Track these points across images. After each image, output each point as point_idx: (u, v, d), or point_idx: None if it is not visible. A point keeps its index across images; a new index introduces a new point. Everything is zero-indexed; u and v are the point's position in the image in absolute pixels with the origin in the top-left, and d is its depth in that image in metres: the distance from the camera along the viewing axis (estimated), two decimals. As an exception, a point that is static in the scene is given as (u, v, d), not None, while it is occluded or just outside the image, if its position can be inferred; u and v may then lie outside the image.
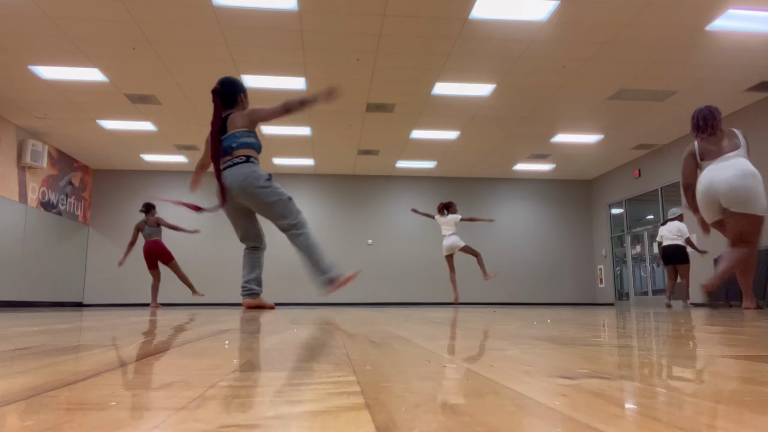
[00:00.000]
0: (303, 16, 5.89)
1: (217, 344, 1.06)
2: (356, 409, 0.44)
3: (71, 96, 8.03)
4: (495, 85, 7.73)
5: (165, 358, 0.82)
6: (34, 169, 9.89)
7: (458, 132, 9.73)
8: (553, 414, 0.42)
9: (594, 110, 8.67)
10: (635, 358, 0.81)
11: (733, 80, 7.52)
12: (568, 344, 1.05)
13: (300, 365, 0.73)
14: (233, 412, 0.43)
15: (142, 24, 6.03)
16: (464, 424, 0.38)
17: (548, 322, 2.10)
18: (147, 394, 0.51)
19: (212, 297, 11.98)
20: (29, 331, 1.49)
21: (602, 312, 4.12)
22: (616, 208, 12.46)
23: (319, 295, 12.18)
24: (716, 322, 2.10)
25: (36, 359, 0.80)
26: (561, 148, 10.70)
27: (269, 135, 9.85)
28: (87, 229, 11.92)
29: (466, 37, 6.37)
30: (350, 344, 1.05)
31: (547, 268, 12.85)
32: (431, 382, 0.57)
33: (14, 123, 9.23)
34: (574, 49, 6.64)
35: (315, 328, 1.66)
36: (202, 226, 12.19)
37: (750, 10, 5.79)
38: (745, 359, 0.80)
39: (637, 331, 1.50)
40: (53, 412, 0.43)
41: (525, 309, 5.57)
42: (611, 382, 0.57)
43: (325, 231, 12.41)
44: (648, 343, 1.10)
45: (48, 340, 1.16)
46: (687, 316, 3.07)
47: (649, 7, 5.73)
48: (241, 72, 7.24)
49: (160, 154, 11.06)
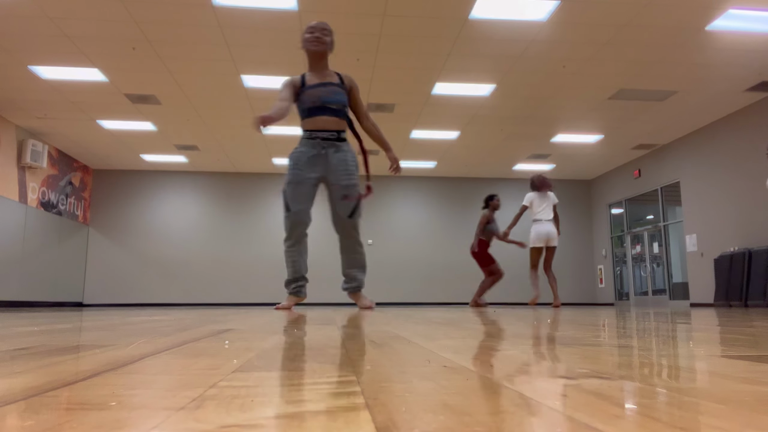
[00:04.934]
0: (303, 16, 5.89)
1: (217, 344, 1.06)
2: (356, 409, 0.44)
3: (71, 96, 8.03)
4: (495, 85, 7.73)
5: (165, 358, 0.82)
6: (34, 169, 9.89)
7: (458, 132, 9.73)
8: (553, 414, 0.42)
9: (594, 110, 8.67)
10: (635, 358, 0.81)
11: (733, 80, 7.52)
12: (568, 344, 1.05)
13: (300, 365, 0.73)
14: (233, 412, 0.43)
15: (142, 24, 6.03)
16: (464, 424, 0.38)
17: (548, 322, 2.10)
18: (147, 394, 0.51)
19: (212, 297, 11.98)
20: (29, 331, 1.49)
21: (602, 312, 4.12)
22: (616, 208, 12.46)
23: (319, 295, 12.18)
24: (716, 322, 2.10)
25: (36, 359, 0.80)
26: (561, 148, 10.70)
27: (269, 135, 9.85)
28: (87, 229, 11.92)
29: (466, 37, 6.37)
30: (350, 344, 1.05)
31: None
32: (431, 382, 0.57)
33: (14, 123, 9.24)
34: (574, 49, 6.64)
35: (315, 328, 1.66)
36: (203, 225, 12.19)
37: (750, 10, 5.78)
38: (745, 359, 0.80)
39: (637, 331, 1.50)
40: (53, 412, 0.43)
41: (525, 309, 5.57)
42: (611, 382, 0.57)
43: (325, 231, 12.41)
44: (648, 343, 1.10)
45: (48, 340, 1.16)
46: (687, 316, 3.07)
47: (649, 7, 5.73)
48: (241, 72, 7.24)
49: (160, 154, 11.06)
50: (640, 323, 2.04)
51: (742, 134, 8.56)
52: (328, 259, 12.24)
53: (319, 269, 12.17)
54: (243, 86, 7.70)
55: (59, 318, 2.66)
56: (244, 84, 7.62)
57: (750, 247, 8.18)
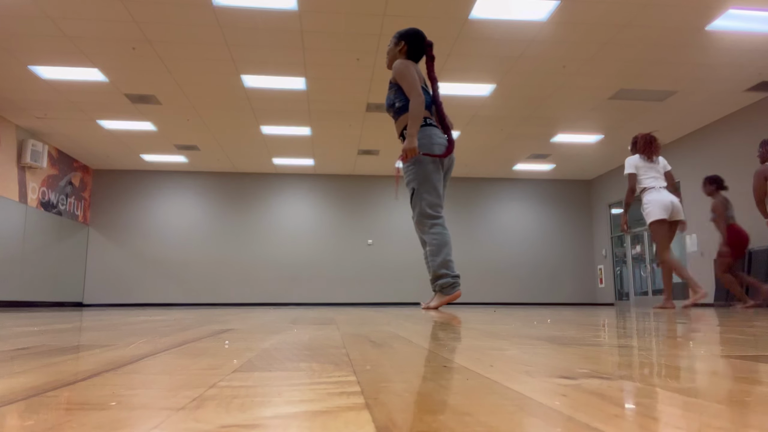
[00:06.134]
0: (303, 16, 5.89)
1: (217, 344, 1.06)
2: (356, 409, 0.44)
3: (71, 96, 8.03)
4: (495, 85, 7.74)
5: (165, 358, 0.82)
6: (34, 169, 9.89)
7: (458, 132, 9.73)
8: (553, 414, 0.42)
9: (594, 110, 8.68)
10: (635, 358, 0.81)
11: (733, 80, 7.52)
12: (568, 344, 1.05)
13: (300, 365, 0.73)
14: (233, 412, 0.43)
15: (142, 24, 6.03)
16: (464, 424, 0.38)
17: (548, 322, 2.10)
18: (147, 394, 0.51)
19: (212, 297, 11.98)
20: (29, 331, 1.49)
21: (602, 312, 4.12)
22: (616, 208, 12.46)
23: (320, 296, 12.18)
24: (716, 322, 2.10)
25: (36, 359, 0.80)
26: (561, 148, 10.70)
27: (269, 135, 9.85)
28: (87, 229, 11.92)
29: (466, 37, 6.37)
30: (350, 344, 1.05)
31: (547, 268, 12.85)
32: (431, 382, 0.57)
33: (14, 123, 9.24)
34: (574, 49, 6.64)
35: (315, 328, 1.66)
36: (203, 225, 12.19)
37: (750, 10, 5.78)
38: (745, 359, 0.80)
39: (637, 331, 1.50)
40: (53, 412, 0.43)
41: (525, 309, 5.57)
42: (611, 382, 0.57)
43: (325, 231, 12.41)
44: (648, 343, 1.10)
45: (48, 340, 1.16)
46: (687, 316, 3.07)
47: (649, 7, 5.73)
48: (241, 72, 7.25)
49: (160, 154, 11.06)
50: (640, 323, 2.04)
51: (742, 134, 8.56)
52: (328, 258, 12.24)
53: (319, 269, 12.18)
54: (243, 86, 7.70)
55: (59, 318, 2.66)
56: (244, 84, 7.62)
57: (750, 247, 8.18)
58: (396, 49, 3.86)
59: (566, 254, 12.97)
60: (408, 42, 3.83)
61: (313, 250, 12.24)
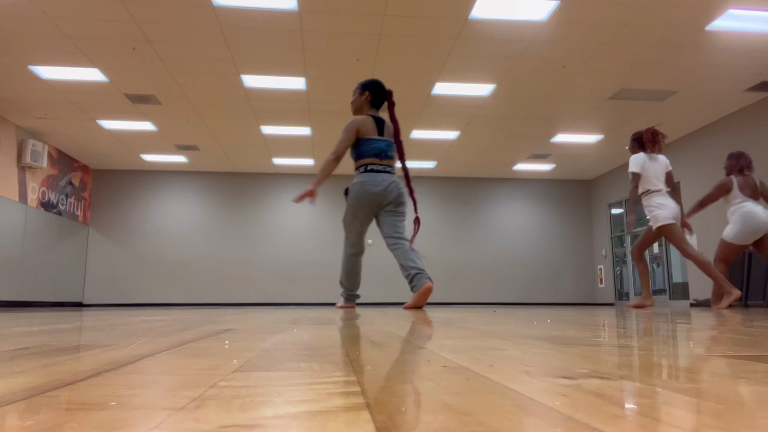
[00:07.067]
0: (303, 16, 5.89)
1: (217, 344, 1.06)
2: (356, 409, 0.44)
3: (71, 96, 8.03)
4: (495, 85, 7.74)
5: (165, 358, 0.82)
6: (34, 169, 9.89)
7: (458, 132, 9.73)
8: (553, 414, 0.42)
9: (594, 110, 8.68)
10: (635, 358, 0.81)
11: (733, 80, 7.52)
12: (568, 344, 1.05)
13: (300, 365, 0.73)
14: (233, 412, 0.43)
15: (142, 24, 6.03)
16: (464, 424, 0.38)
17: (548, 322, 2.10)
18: (147, 394, 0.51)
19: (212, 297, 11.98)
20: (29, 331, 1.49)
21: (602, 312, 4.12)
22: (616, 208, 12.46)
23: (320, 296, 12.18)
24: (716, 322, 2.09)
25: (36, 359, 0.80)
26: (561, 148, 10.70)
27: (269, 135, 9.85)
28: (87, 229, 11.92)
29: (466, 37, 6.37)
30: (350, 344, 1.05)
31: (547, 268, 12.85)
32: (431, 382, 0.57)
33: (14, 123, 9.24)
34: (574, 49, 6.64)
35: (315, 328, 1.66)
36: (203, 225, 12.19)
37: (750, 10, 5.78)
38: (745, 359, 0.80)
39: (637, 331, 1.50)
40: (53, 412, 0.43)
41: (525, 309, 5.57)
42: (611, 382, 0.57)
43: (325, 231, 12.41)
44: (648, 343, 1.10)
45: (48, 340, 1.16)
46: (687, 315, 3.07)
47: (649, 7, 5.73)
48: (241, 72, 7.24)
49: (160, 154, 11.06)
50: (640, 323, 2.04)
51: (742, 134, 8.56)
52: (329, 258, 12.25)
53: (319, 269, 12.18)
54: (243, 86, 7.70)
55: (59, 318, 2.66)
56: (244, 84, 7.62)
57: (750, 247, 8.17)
58: (361, 99, 4.30)
59: (566, 254, 12.97)
60: (371, 91, 4.29)
61: (314, 250, 12.24)
